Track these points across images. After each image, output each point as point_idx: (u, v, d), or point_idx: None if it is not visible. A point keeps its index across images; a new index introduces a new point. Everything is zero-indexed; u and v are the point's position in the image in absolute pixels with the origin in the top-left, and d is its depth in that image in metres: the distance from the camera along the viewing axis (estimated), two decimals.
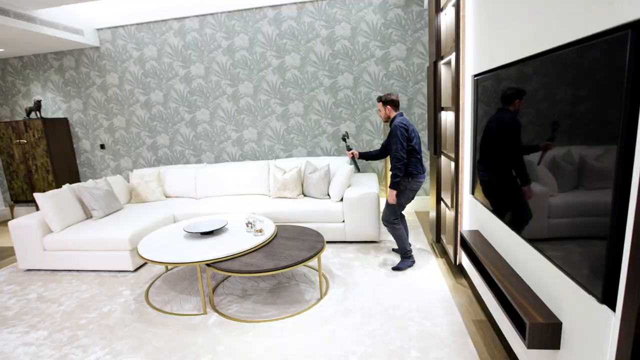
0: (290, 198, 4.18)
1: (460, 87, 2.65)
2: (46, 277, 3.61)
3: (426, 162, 4.71)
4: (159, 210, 4.11)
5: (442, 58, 3.15)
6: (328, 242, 3.96)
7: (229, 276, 3.24)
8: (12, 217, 6.06)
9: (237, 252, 2.69)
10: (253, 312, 2.66)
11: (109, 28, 5.17)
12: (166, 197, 4.82)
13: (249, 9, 4.70)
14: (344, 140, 3.45)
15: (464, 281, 2.92)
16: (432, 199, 3.60)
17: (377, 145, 4.80)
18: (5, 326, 2.75)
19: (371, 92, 4.66)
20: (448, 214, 3.32)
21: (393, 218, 3.15)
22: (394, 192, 3.01)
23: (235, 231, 3.13)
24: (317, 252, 2.71)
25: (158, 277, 3.37)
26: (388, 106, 3.10)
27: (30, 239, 3.64)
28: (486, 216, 2.30)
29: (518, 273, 1.85)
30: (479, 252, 2.16)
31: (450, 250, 3.09)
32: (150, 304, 2.89)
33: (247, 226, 3.06)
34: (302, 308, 2.67)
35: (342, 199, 3.88)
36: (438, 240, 3.45)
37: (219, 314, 2.67)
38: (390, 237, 3.95)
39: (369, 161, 4.49)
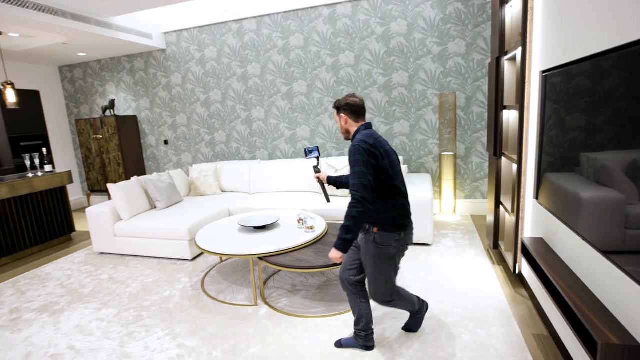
0: (341, 196, 4.18)
1: (526, 84, 2.48)
2: (116, 260, 3.95)
3: (485, 163, 4.48)
4: (215, 204, 4.32)
5: (506, 53, 2.97)
6: None
7: (280, 270, 3.32)
8: (89, 205, 6.71)
9: (288, 247, 2.74)
10: (302, 307, 2.71)
11: (175, 31, 5.51)
12: (222, 191, 5.05)
13: (304, 9, 4.77)
14: (309, 154, 2.36)
15: (524, 292, 2.73)
16: (490, 203, 3.42)
17: (431, 146, 4.65)
18: (82, 302, 3.06)
19: (427, 91, 4.52)
20: (508, 219, 3.13)
21: (391, 294, 2.05)
22: (339, 253, 1.88)
23: (286, 227, 3.20)
24: None
25: (213, 267, 3.54)
26: (343, 114, 2.02)
27: (104, 226, 4.00)
28: (553, 223, 2.13)
29: (589, 288, 1.69)
30: (542, 261, 2.01)
31: (509, 258, 2.91)
32: (205, 292, 3.05)
33: (299, 222, 3.11)
34: (350, 307, 2.66)
35: None
36: (495, 246, 3.27)
37: (269, 306, 2.75)
38: (445, 241, 3.81)
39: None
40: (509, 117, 3.07)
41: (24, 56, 5.52)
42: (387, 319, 2.48)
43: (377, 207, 1.91)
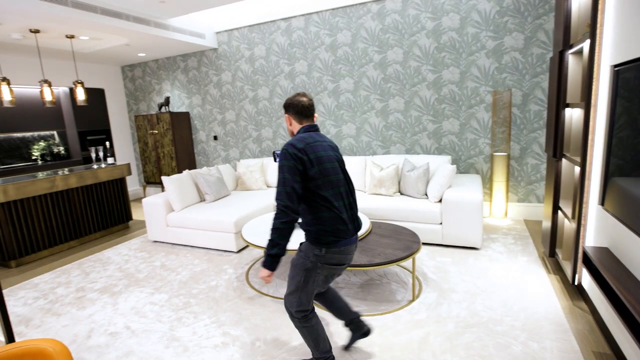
0: (386, 195, 4.12)
1: (594, 80, 2.28)
2: (167, 249, 4.18)
3: (542, 165, 4.20)
4: (261, 199, 4.43)
5: (570, 46, 2.75)
6: (422, 243, 3.81)
7: None
8: (144, 196, 7.16)
9: None
10: None
11: (226, 31, 5.70)
12: (267, 186, 5.17)
13: (352, 5, 4.73)
14: (277, 157, 2.19)
15: (583, 305, 2.53)
16: (546, 207, 3.20)
17: (482, 145, 4.43)
18: (138, 286, 3.27)
19: (479, 87, 4.31)
20: (567, 225, 2.91)
21: (297, 310, 1.86)
22: (267, 271, 1.75)
23: None
24: (412, 253, 2.62)
25: (257, 260, 3.64)
26: (287, 114, 1.90)
27: (157, 216, 4.25)
28: (621, 232, 1.95)
29: None
30: (608, 273, 1.84)
31: (567, 267, 2.71)
32: (249, 284, 3.14)
33: None
34: (392, 308, 2.62)
35: (440, 200, 3.68)
36: (552, 254, 3.05)
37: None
38: (495, 246, 3.63)
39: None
40: (572, 115, 2.85)
41: (91, 57, 5.99)
42: (430, 322, 2.41)
43: (306, 218, 1.79)
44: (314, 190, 1.73)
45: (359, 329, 2.12)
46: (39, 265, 3.95)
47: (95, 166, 4.83)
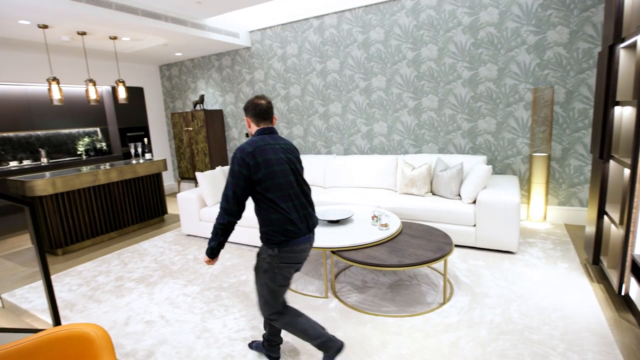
0: (417, 195, 4.04)
1: None
2: (200, 242, 4.30)
3: (586, 167, 3.97)
4: None
5: (622, 40, 2.57)
6: (455, 245, 3.70)
7: (351, 266, 3.32)
8: (179, 191, 7.41)
9: (361, 243, 2.73)
10: (372, 304, 2.68)
11: (259, 30, 5.78)
12: None
13: (386, 2, 4.66)
14: None
15: (631, 317, 2.37)
16: (590, 212, 3.02)
17: (521, 145, 4.25)
18: (172, 277, 3.39)
19: (519, 85, 4.13)
20: (614, 231, 2.73)
21: (269, 313, 1.96)
22: (207, 258, 1.90)
23: (360, 223, 3.19)
24: (444, 255, 2.55)
25: None
26: (247, 116, 1.95)
27: (191, 210, 4.39)
28: None
29: None
30: None
31: (613, 276, 2.55)
32: None
33: (373, 219, 3.08)
34: (422, 310, 2.56)
35: (474, 201, 3.57)
36: (595, 261, 2.88)
37: (339, 300, 2.76)
38: (532, 251, 3.47)
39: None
40: (622, 114, 2.67)
41: (132, 57, 6.25)
42: (462, 327, 2.34)
43: (259, 220, 1.87)
44: (262, 193, 1.80)
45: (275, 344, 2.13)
46: (82, 254, 4.18)
47: (134, 161, 5.06)
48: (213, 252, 1.88)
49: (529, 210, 4.24)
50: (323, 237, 2.87)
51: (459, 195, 3.81)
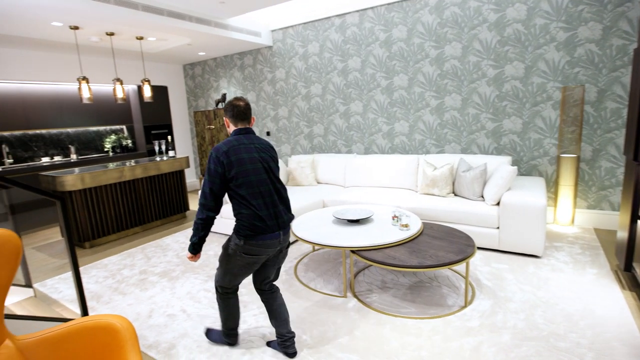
0: (438, 196, 3.97)
1: None
2: (221, 239, 4.37)
3: (618, 169, 3.81)
4: (311, 194, 4.48)
5: None
6: (477, 247, 3.62)
7: (370, 266, 3.30)
8: (200, 188, 7.55)
9: (381, 243, 2.70)
10: (391, 305, 2.65)
11: (281, 29, 5.81)
12: (317, 182, 5.21)
13: None
14: None
15: None
16: (623, 216, 2.89)
17: (548, 146, 4.11)
18: (193, 272, 3.46)
19: (547, 84, 4.00)
20: None
21: (218, 284, 2.14)
22: (189, 254, 2.04)
23: (380, 223, 3.16)
24: (466, 257, 2.50)
25: (306, 255, 3.69)
26: (225, 117, 2.07)
27: None
28: None
29: None
30: None
31: None
32: (297, 278, 3.19)
33: (393, 219, 3.04)
34: (443, 312, 2.52)
35: (498, 203, 3.48)
36: (628, 268, 2.76)
37: (358, 300, 2.75)
38: (559, 255, 3.36)
39: (534, 164, 3.87)
40: None
41: (157, 57, 6.41)
42: (484, 331, 2.29)
43: (233, 212, 1.99)
44: (234, 189, 1.93)
45: (285, 346, 2.17)
46: (108, 248, 4.32)
47: (157, 158, 5.18)
48: (195, 248, 2.00)
49: (555, 213, 4.10)
50: (342, 236, 2.86)
51: (482, 197, 3.72)
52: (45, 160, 5.73)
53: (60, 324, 1.53)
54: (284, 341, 2.16)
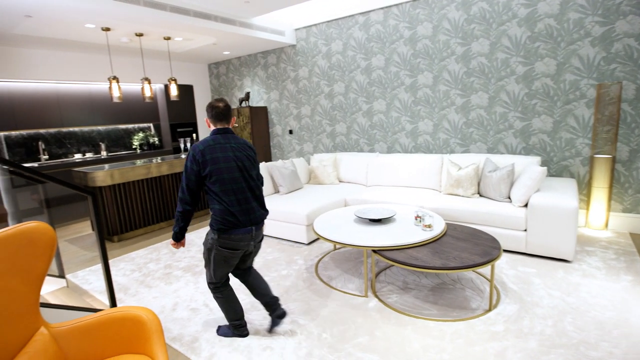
0: (463, 196, 3.88)
1: None
2: None
3: None
4: (333, 193, 4.47)
5: None
6: (503, 250, 3.52)
7: (392, 266, 3.26)
8: None
9: (404, 243, 2.67)
10: (412, 306, 2.61)
11: (304, 27, 5.82)
12: (339, 181, 5.20)
13: None
14: None
15: None
16: None
17: (580, 146, 3.94)
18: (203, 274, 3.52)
19: (580, 81, 3.83)
20: None
21: (208, 282, 2.28)
22: (172, 241, 2.25)
23: (402, 222, 3.12)
24: (492, 259, 2.43)
25: (327, 254, 3.69)
26: (206, 117, 2.20)
27: None
28: None
29: None
30: None
31: None
32: (318, 276, 3.19)
33: (416, 219, 3.00)
34: (466, 315, 2.46)
35: (526, 205, 3.37)
36: None
37: (379, 300, 2.73)
38: (591, 260, 3.22)
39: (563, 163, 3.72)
40: None
41: (183, 56, 6.55)
42: (509, 336, 2.22)
43: (209, 207, 2.12)
44: (209, 186, 2.08)
45: (273, 311, 2.35)
46: (135, 242, 4.47)
47: (183, 156, 5.30)
48: (177, 237, 2.22)
49: (587, 216, 3.93)
50: (364, 235, 2.85)
51: (509, 198, 3.61)
52: (77, 156, 5.97)
53: (91, 314, 1.59)
54: (272, 307, 2.34)
